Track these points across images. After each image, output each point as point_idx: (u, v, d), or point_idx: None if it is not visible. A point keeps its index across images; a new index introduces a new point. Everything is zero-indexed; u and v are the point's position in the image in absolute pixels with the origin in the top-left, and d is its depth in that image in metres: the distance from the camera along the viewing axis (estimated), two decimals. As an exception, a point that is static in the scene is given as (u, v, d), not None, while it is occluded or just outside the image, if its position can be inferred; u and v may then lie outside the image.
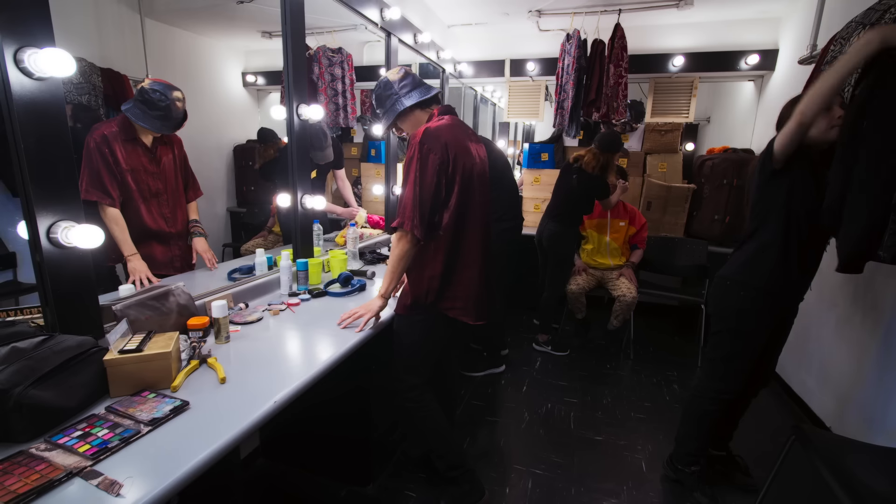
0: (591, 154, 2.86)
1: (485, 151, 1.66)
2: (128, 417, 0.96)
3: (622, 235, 3.14)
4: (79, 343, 1.02)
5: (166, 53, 3.12)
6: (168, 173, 1.90)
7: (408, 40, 2.88)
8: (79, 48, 2.48)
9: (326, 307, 1.78)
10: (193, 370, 1.19)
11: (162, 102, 1.70)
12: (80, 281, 1.13)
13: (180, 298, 1.40)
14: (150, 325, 1.28)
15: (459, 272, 1.53)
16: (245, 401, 1.07)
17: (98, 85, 2.54)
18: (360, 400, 1.74)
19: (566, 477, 1.94)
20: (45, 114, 1.02)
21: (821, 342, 2.40)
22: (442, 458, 1.66)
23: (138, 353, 1.06)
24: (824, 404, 2.31)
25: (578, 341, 3.34)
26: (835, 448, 1.45)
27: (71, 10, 2.47)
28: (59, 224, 1.06)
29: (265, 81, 3.79)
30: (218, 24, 3.36)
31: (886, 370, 1.88)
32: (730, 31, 3.55)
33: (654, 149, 3.89)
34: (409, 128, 1.60)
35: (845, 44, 1.78)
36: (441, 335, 1.63)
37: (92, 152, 1.69)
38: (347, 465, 1.85)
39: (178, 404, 1.01)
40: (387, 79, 1.55)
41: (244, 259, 2.19)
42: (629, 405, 2.53)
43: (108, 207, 1.70)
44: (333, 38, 3.14)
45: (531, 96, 4.11)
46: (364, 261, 2.47)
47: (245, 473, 1.91)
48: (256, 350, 1.36)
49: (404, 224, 1.43)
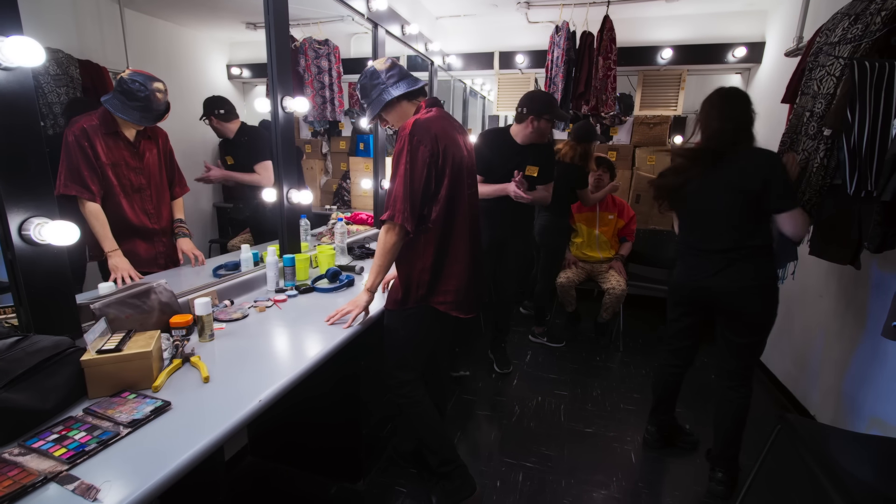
0: (568, 146, 2.96)
1: (471, 143, 1.64)
2: (106, 419, 0.93)
3: (611, 228, 3.15)
4: (55, 343, 0.99)
5: (148, 45, 3.05)
6: (152, 168, 1.86)
7: (395, 32, 2.83)
8: (55, 39, 2.41)
9: (314, 303, 1.75)
10: (176, 369, 1.16)
11: (141, 93, 1.65)
12: (55, 279, 1.09)
13: (162, 296, 1.37)
14: (131, 324, 1.25)
15: (449, 265, 1.52)
16: (229, 400, 1.04)
17: (76, 77, 2.47)
18: (350, 395, 1.72)
19: (557, 469, 1.95)
20: (13, 105, 0.98)
21: (804, 331, 2.44)
22: (435, 454, 1.66)
23: (117, 352, 1.03)
24: (808, 392, 2.35)
25: (569, 334, 3.36)
26: (819, 436, 1.47)
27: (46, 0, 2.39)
28: (31, 220, 1.02)
29: (251, 74, 3.72)
30: (200, 14, 3.28)
31: (867, 359, 1.91)
32: (717, 24, 3.55)
33: (643, 142, 3.90)
34: (395, 119, 1.57)
35: (830, 35, 1.79)
36: (432, 330, 1.62)
37: (71, 146, 1.64)
38: (337, 461, 1.84)
39: (159, 405, 0.98)
40: (373, 68, 1.52)
41: (230, 255, 2.15)
42: (619, 397, 2.55)
43: (87, 202, 1.66)
44: (320, 29, 3.08)
45: (520, 89, 4.08)
46: (353, 255, 2.45)
47: (232, 472, 1.89)
48: (241, 348, 1.33)
49: (394, 217, 1.41)
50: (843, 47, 1.72)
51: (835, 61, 1.76)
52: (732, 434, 1.80)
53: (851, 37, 1.68)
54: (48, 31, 2.44)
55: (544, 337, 3.21)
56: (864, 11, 1.65)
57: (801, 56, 2.04)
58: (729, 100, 1.71)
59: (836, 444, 1.45)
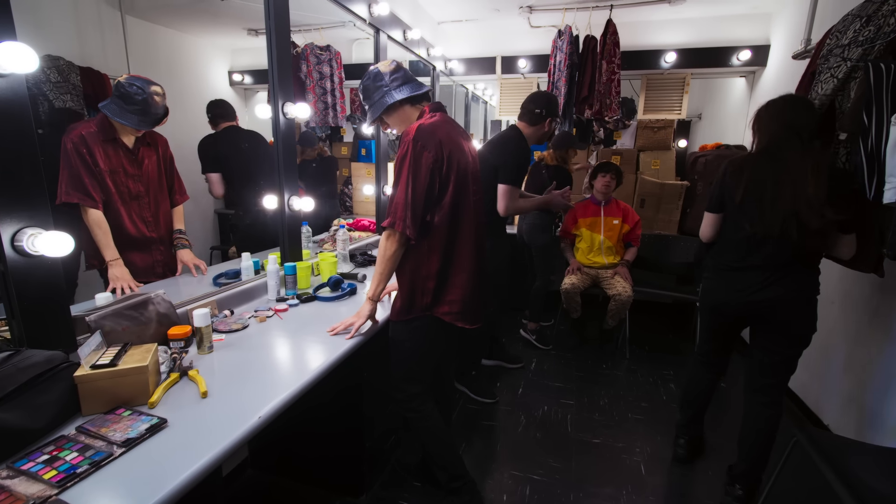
0: (550, 155, 3.28)
1: (476, 150, 1.61)
2: (100, 438, 0.89)
3: (616, 233, 3.11)
4: (47, 358, 0.96)
5: (149, 52, 3.03)
6: (150, 175, 1.83)
7: (397, 37, 2.82)
8: (56, 45, 2.39)
9: (316, 312, 1.72)
10: (173, 384, 1.12)
11: (139, 96, 1.62)
12: (49, 291, 1.06)
13: (160, 307, 1.33)
14: (128, 336, 1.21)
15: (455, 274, 1.48)
16: (228, 416, 1.01)
17: (77, 84, 2.46)
18: (352, 406, 1.68)
19: (564, 482, 1.90)
20: (5, 112, 0.95)
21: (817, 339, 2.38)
22: (443, 470, 1.61)
23: (112, 367, 1.00)
24: (821, 401, 2.30)
25: (574, 341, 3.31)
26: (837, 449, 1.42)
27: (46, 5, 2.38)
28: (24, 231, 0.99)
29: (252, 80, 3.71)
30: (202, 21, 3.27)
31: (885, 367, 1.86)
32: (721, 27, 3.53)
33: (647, 146, 3.87)
34: (396, 124, 1.53)
35: (841, 37, 1.75)
36: (438, 340, 1.58)
37: (70, 153, 1.62)
38: (339, 474, 1.79)
39: (155, 422, 0.95)
40: (377, 70, 1.49)
41: (231, 263, 2.12)
42: (626, 405, 2.50)
43: (90, 209, 1.63)
44: (321, 35, 3.07)
45: (523, 94, 3.99)
46: (355, 263, 2.41)
47: (233, 485, 1.84)
48: (241, 360, 1.30)
49: (395, 224, 1.37)
50: (855, 49, 1.68)
51: (842, 63, 1.73)
52: (761, 451, 1.75)
53: (864, 38, 1.65)
54: (49, 38, 2.43)
55: (534, 335, 3.26)
56: (877, 13, 1.61)
57: (811, 59, 2.01)
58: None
59: (856, 458, 1.40)
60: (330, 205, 3.38)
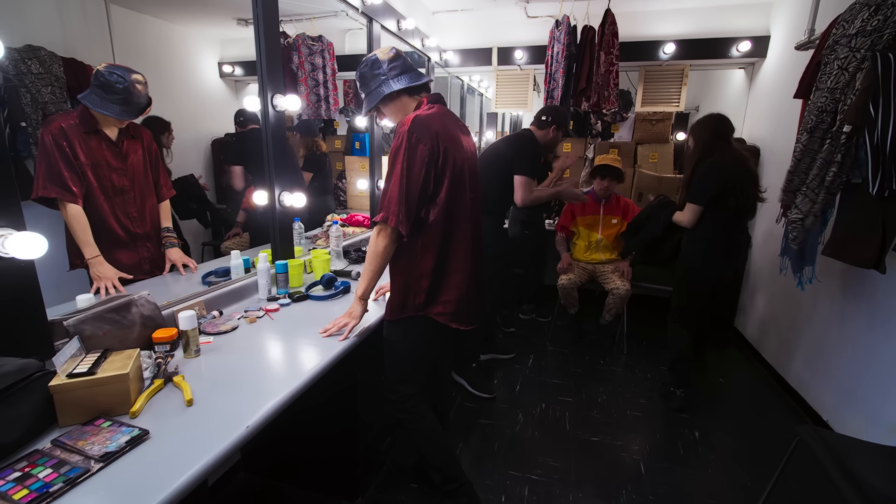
0: None
1: (475, 145, 1.55)
2: (76, 452, 0.84)
3: (614, 233, 3.08)
4: (20, 368, 0.90)
5: (136, 42, 2.94)
6: (136, 169, 1.76)
7: (391, 27, 2.74)
8: (37, 35, 2.30)
9: (308, 312, 1.67)
10: (157, 391, 1.07)
11: (120, 84, 1.54)
12: (22, 295, 1.00)
13: (144, 309, 1.28)
14: (110, 341, 1.16)
15: (450, 274, 1.43)
16: (214, 426, 0.96)
17: (60, 76, 2.37)
18: (347, 407, 1.63)
19: (564, 482, 1.87)
20: (-31, 106, 0.89)
21: (816, 335, 2.36)
22: (438, 472, 1.57)
23: (91, 376, 0.94)
24: (820, 398, 2.28)
25: (571, 336, 3.28)
26: (840, 448, 1.40)
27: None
28: (-7, 232, 0.93)
29: (243, 72, 3.61)
30: (190, 10, 3.17)
31: (884, 364, 1.84)
32: (721, 17, 3.47)
33: (645, 139, 3.82)
34: (393, 114, 1.47)
35: (848, 26, 1.70)
36: (434, 342, 1.53)
37: (48, 146, 1.54)
38: (334, 477, 1.75)
39: (136, 434, 0.90)
40: (375, 57, 1.41)
41: (223, 260, 2.06)
42: (624, 402, 2.47)
43: (68, 204, 1.56)
44: (313, 25, 2.98)
45: (519, 86, 3.99)
46: (349, 259, 2.36)
47: (225, 489, 1.80)
48: (230, 364, 1.25)
49: (388, 219, 1.31)
50: (862, 39, 1.64)
51: (850, 54, 1.69)
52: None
53: (871, 28, 1.60)
54: (29, 27, 2.34)
55: (533, 314, 3.58)
56: (885, 1, 1.57)
57: (816, 49, 1.96)
58: None
59: (859, 458, 1.38)
60: (323, 200, 3.31)
